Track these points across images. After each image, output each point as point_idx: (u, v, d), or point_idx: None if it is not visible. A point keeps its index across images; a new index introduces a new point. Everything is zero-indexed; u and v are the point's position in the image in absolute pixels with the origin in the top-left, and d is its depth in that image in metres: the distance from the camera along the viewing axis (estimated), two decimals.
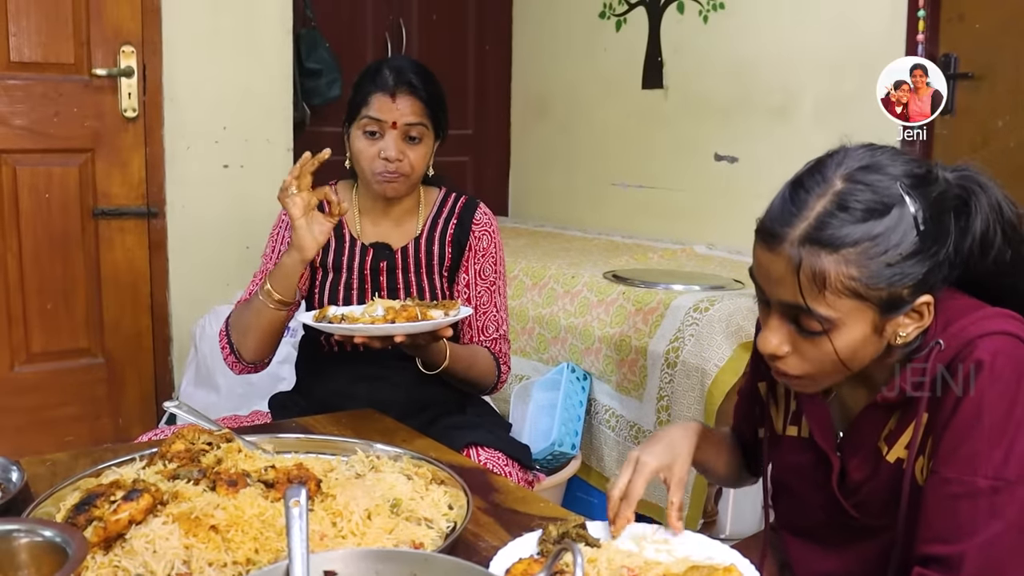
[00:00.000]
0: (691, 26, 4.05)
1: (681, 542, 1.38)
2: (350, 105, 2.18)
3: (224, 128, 3.71)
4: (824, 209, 1.25)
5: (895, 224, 1.24)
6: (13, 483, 1.49)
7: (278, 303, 2.04)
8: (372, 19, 4.66)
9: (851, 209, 1.24)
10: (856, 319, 1.27)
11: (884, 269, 1.24)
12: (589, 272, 3.31)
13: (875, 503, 1.40)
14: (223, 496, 1.35)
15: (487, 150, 5.09)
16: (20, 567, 1.08)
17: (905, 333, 1.30)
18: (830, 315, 1.26)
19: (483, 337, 2.23)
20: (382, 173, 2.11)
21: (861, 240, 1.23)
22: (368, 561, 1.08)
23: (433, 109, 2.15)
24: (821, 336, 1.28)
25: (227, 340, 2.18)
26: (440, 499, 1.47)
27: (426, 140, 2.15)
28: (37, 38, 3.36)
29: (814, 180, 1.28)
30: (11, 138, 3.37)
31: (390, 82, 2.11)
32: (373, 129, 2.11)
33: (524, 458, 2.14)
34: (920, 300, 1.28)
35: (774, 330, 1.33)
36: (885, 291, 1.25)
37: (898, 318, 1.29)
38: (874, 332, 1.29)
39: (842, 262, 1.23)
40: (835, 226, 1.24)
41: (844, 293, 1.24)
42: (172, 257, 3.68)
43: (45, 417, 3.51)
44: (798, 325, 1.30)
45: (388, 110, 2.10)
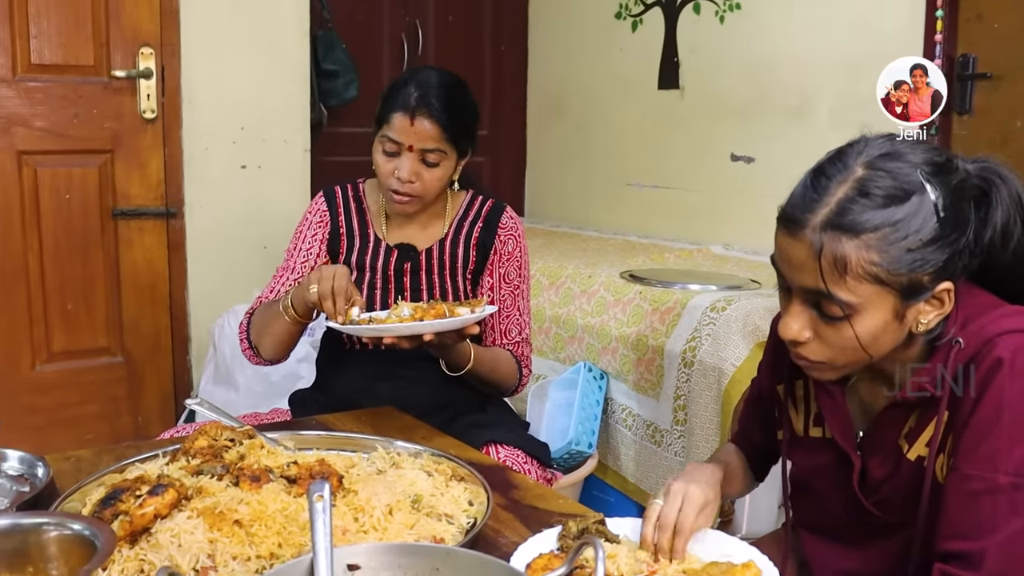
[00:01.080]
0: (707, 26, 4.05)
1: (699, 539, 1.39)
2: (377, 114, 2.16)
3: (242, 129, 3.74)
4: (845, 195, 1.26)
5: (915, 210, 1.25)
6: (39, 479, 1.51)
7: (296, 319, 2.05)
8: (388, 20, 4.67)
9: (872, 195, 1.25)
10: (877, 305, 1.27)
11: (905, 255, 1.25)
12: (606, 272, 3.31)
13: (896, 501, 1.41)
14: (246, 491, 1.36)
15: (503, 150, 5.10)
16: (50, 559, 1.10)
17: (926, 320, 1.31)
18: (851, 300, 1.26)
19: (505, 340, 2.24)
20: (395, 192, 2.10)
21: (882, 225, 1.24)
22: (391, 555, 1.09)
23: (453, 132, 2.10)
24: (842, 321, 1.29)
25: (246, 335, 2.19)
26: (460, 495, 1.48)
27: (444, 163, 2.12)
28: (57, 40, 3.39)
29: (835, 168, 1.30)
30: (32, 139, 3.40)
31: (411, 102, 2.07)
32: (392, 150, 2.10)
33: (543, 456, 2.15)
34: (940, 287, 1.28)
35: (795, 316, 1.34)
36: (906, 277, 1.26)
37: (919, 305, 1.29)
38: (895, 318, 1.29)
39: (863, 247, 1.24)
40: (856, 212, 1.25)
41: (865, 278, 1.25)
42: (190, 257, 3.71)
43: (66, 416, 3.54)
44: (819, 311, 1.31)
45: (405, 133, 2.07)
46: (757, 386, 1.72)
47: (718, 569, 1.25)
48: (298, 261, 2.22)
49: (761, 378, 1.70)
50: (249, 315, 2.21)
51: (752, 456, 1.73)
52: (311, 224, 2.25)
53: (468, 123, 2.17)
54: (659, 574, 1.24)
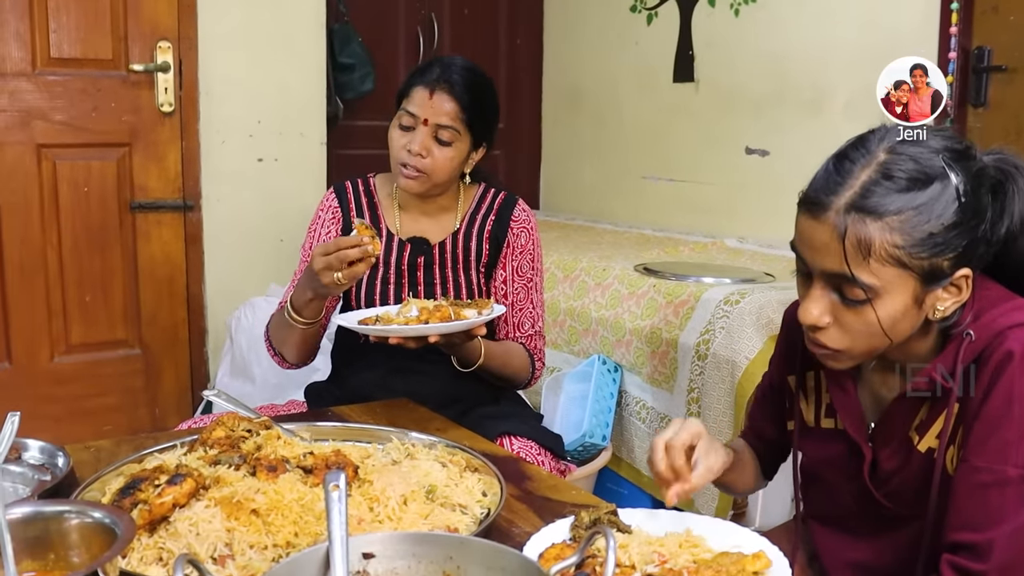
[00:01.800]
0: (722, 20, 4.05)
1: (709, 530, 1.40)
2: (398, 94, 2.18)
3: (258, 122, 3.76)
4: (869, 178, 1.28)
5: (938, 194, 1.26)
6: (60, 468, 1.53)
7: (301, 322, 2.06)
8: (404, 13, 4.68)
9: (895, 178, 1.26)
10: (898, 288, 1.28)
11: (927, 238, 1.26)
12: (620, 265, 3.32)
13: (906, 493, 1.42)
14: (263, 481, 1.38)
15: (519, 143, 5.10)
16: (71, 547, 1.11)
17: (943, 307, 1.31)
18: (873, 283, 1.27)
19: (519, 333, 2.25)
20: (404, 165, 2.11)
21: (905, 208, 1.25)
22: (406, 544, 1.11)
23: (471, 114, 2.12)
24: (864, 305, 1.29)
25: (269, 343, 2.22)
26: (474, 486, 1.49)
27: (457, 145, 2.13)
28: (76, 34, 3.42)
29: (858, 152, 1.31)
30: (51, 133, 3.43)
31: (433, 76, 2.10)
32: (408, 123, 2.12)
33: (557, 448, 2.16)
34: (959, 273, 1.29)
35: (816, 300, 1.34)
36: (927, 261, 1.27)
37: (937, 291, 1.30)
38: (914, 303, 1.30)
39: (887, 230, 1.25)
40: (880, 194, 1.26)
41: (888, 261, 1.26)
42: (207, 250, 3.74)
43: (84, 407, 3.57)
44: (841, 295, 1.32)
45: (423, 106, 2.09)
46: (768, 379, 1.72)
47: (728, 559, 1.25)
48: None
49: (772, 371, 1.71)
50: (268, 325, 2.23)
51: (761, 452, 1.74)
52: (324, 221, 2.26)
53: (487, 112, 2.18)
54: (670, 563, 1.25)
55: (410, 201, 2.24)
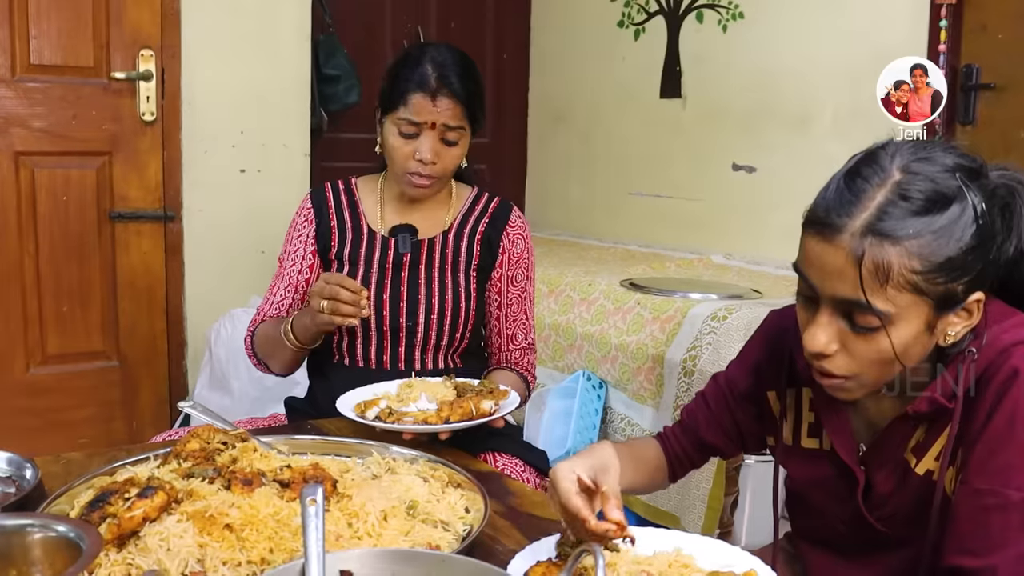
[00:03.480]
0: (710, 35, 4.04)
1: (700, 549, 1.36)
2: (385, 94, 2.11)
3: (241, 133, 3.72)
4: (885, 199, 1.21)
5: (957, 217, 1.21)
6: (27, 480, 1.48)
7: (300, 347, 2.05)
8: (391, 25, 4.67)
9: (912, 199, 1.20)
10: (912, 315, 1.22)
11: (945, 263, 1.20)
12: (606, 280, 3.29)
13: (901, 516, 1.37)
14: (238, 495, 1.34)
15: (504, 158, 5.08)
16: (34, 563, 1.07)
17: (954, 332, 1.26)
18: (888, 310, 1.21)
19: (512, 346, 2.21)
20: (415, 175, 2.07)
21: (924, 232, 1.19)
22: (385, 561, 1.07)
23: (472, 109, 2.09)
24: (875, 332, 1.23)
25: (252, 352, 2.19)
26: (457, 502, 1.45)
27: (462, 141, 2.10)
28: (57, 41, 3.37)
29: (871, 169, 1.24)
30: (30, 140, 3.38)
31: (432, 83, 2.04)
32: (410, 131, 2.06)
33: (541, 464, 2.11)
34: (972, 297, 1.24)
35: (823, 327, 1.27)
36: (944, 286, 1.21)
37: (950, 316, 1.26)
38: (927, 329, 1.24)
39: (905, 254, 1.19)
40: (897, 216, 1.20)
41: (905, 287, 1.20)
42: (188, 261, 3.69)
43: (59, 419, 3.51)
44: (851, 321, 1.25)
45: (427, 112, 2.04)
46: (728, 385, 1.62)
47: None
48: (287, 266, 2.20)
49: (739, 377, 1.61)
50: (251, 333, 2.19)
51: (678, 455, 1.65)
52: (296, 226, 2.22)
53: (482, 97, 2.15)
54: None
55: (400, 196, 2.19)
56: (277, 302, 2.19)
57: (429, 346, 2.14)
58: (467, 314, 2.14)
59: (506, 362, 2.23)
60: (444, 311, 2.12)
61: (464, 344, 2.18)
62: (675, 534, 1.39)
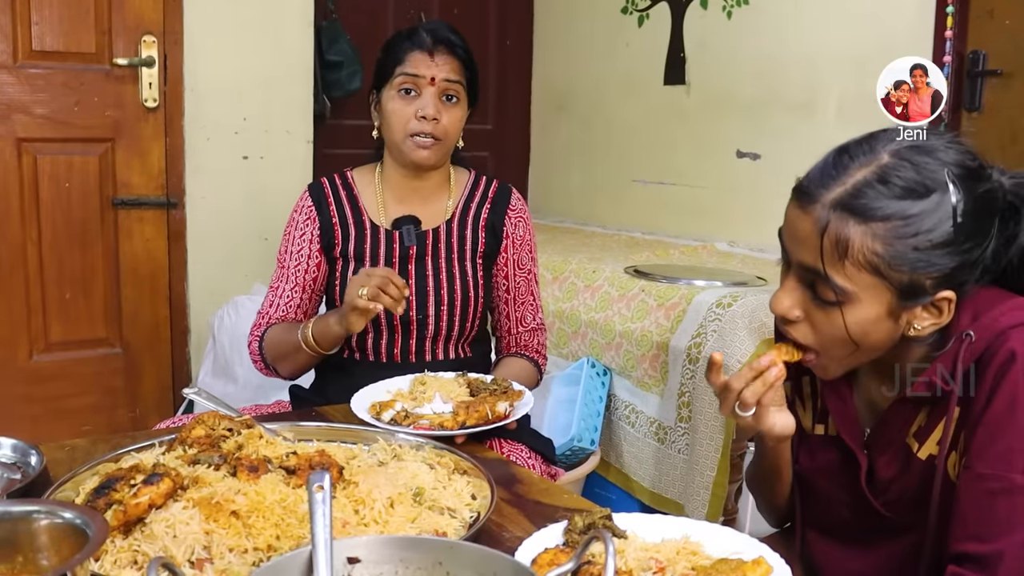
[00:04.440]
0: (714, 22, 4.02)
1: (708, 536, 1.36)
2: (380, 68, 2.12)
3: (244, 119, 3.71)
4: (864, 178, 1.24)
5: (932, 209, 1.21)
6: (32, 467, 1.48)
7: (321, 353, 2.03)
8: (393, 12, 4.64)
9: (891, 184, 1.22)
10: (872, 297, 1.24)
11: (910, 252, 1.21)
12: (610, 267, 3.28)
13: (905, 501, 1.37)
14: (244, 482, 1.33)
15: (507, 146, 5.07)
16: (40, 549, 1.06)
17: (920, 327, 1.27)
18: (846, 287, 1.24)
19: (521, 328, 2.21)
20: (418, 135, 2.06)
21: (893, 216, 1.21)
22: (392, 548, 1.06)
23: (470, 70, 2.11)
24: (834, 308, 1.26)
25: (260, 356, 2.15)
26: (463, 489, 1.45)
27: (462, 103, 2.10)
28: (59, 27, 3.36)
29: (861, 149, 1.27)
30: (32, 127, 3.37)
31: (428, 40, 2.07)
32: (409, 86, 2.06)
33: (547, 452, 2.11)
34: (941, 294, 1.25)
35: (788, 291, 1.32)
36: (907, 275, 1.22)
37: (916, 309, 1.25)
38: (888, 316, 1.26)
39: (869, 234, 1.22)
40: (871, 197, 1.22)
41: (864, 267, 1.22)
42: (191, 248, 3.69)
43: (62, 406, 3.51)
44: (814, 292, 1.28)
45: (426, 66, 2.05)
46: None
47: (728, 566, 1.21)
48: (291, 265, 2.17)
49: None
50: (258, 338, 2.16)
51: None
52: (298, 224, 2.18)
53: (475, 68, 2.17)
54: (668, 570, 1.20)
55: (400, 184, 2.18)
56: (283, 304, 2.16)
57: (440, 337, 2.13)
58: (476, 302, 2.14)
59: (516, 345, 2.22)
60: (453, 301, 2.11)
61: (474, 332, 2.18)
62: (682, 521, 1.39)
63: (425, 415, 1.81)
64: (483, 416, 1.80)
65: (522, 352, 2.22)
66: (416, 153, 2.08)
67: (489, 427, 1.79)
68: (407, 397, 1.90)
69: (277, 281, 2.18)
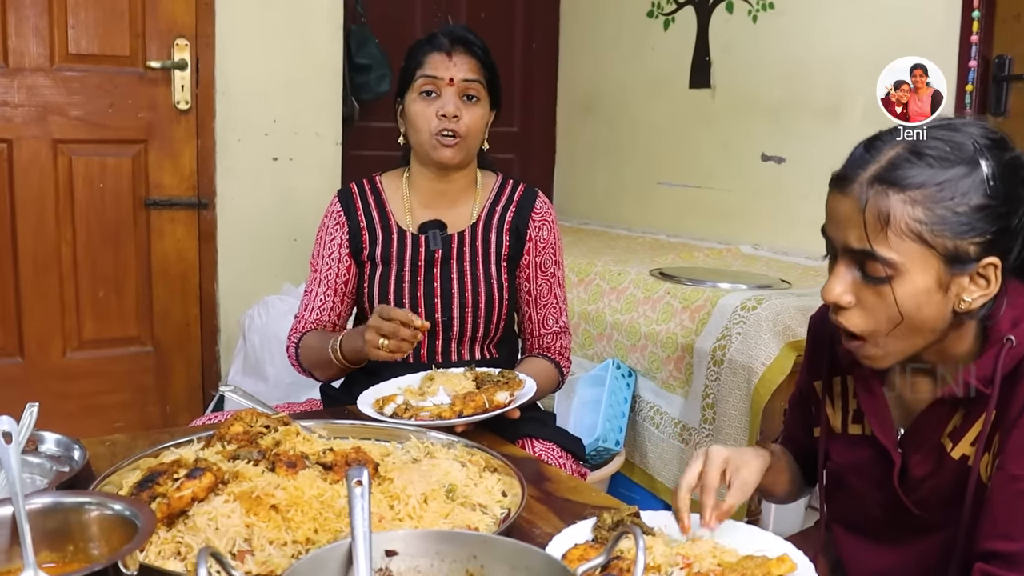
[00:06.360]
0: (740, 26, 4.03)
1: (732, 534, 1.38)
2: (402, 74, 2.17)
3: (274, 121, 3.76)
4: (896, 153, 1.28)
5: (965, 174, 1.25)
6: (76, 461, 1.52)
7: (348, 366, 2.07)
8: (421, 16, 4.68)
9: (923, 155, 1.26)
10: (920, 267, 1.26)
11: (951, 215, 1.24)
12: (635, 269, 3.30)
13: (937, 500, 1.39)
14: (282, 477, 1.37)
15: (533, 148, 5.09)
16: (91, 539, 1.10)
17: (971, 298, 1.29)
18: (894, 258, 1.26)
19: (543, 330, 2.23)
20: (439, 133, 2.09)
21: (928, 183, 1.25)
22: (429, 542, 1.10)
23: (489, 70, 2.14)
24: (884, 284, 1.28)
25: (297, 362, 2.20)
26: (494, 486, 1.48)
27: (483, 103, 2.13)
28: (94, 30, 3.42)
29: (890, 135, 1.32)
30: (67, 128, 3.43)
31: (445, 42, 2.11)
32: (430, 88, 2.09)
33: (577, 450, 2.14)
34: (986, 260, 1.27)
35: (839, 277, 1.33)
36: (951, 241, 1.25)
37: (963, 279, 1.28)
38: (938, 287, 1.28)
39: (908, 202, 1.25)
40: (905, 168, 1.26)
41: (908, 235, 1.25)
42: (221, 248, 3.74)
43: (95, 403, 3.57)
44: (863, 272, 1.31)
45: (445, 67, 2.08)
46: (798, 385, 1.71)
47: (752, 563, 1.24)
48: (323, 270, 2.21)
49: (800, 376, 1.69)
50: (295, 344, 2.20)
51: (800, 458, 1.72)
52: (328, 229, 2.22)
53: (498, 74, 2.20)
54: (695, 566, 1.23)
55: (426, 188, 2.21)
56: (317, 307, 2.20)
57: (465, 338, 2.16)
58: (500, 304, 2.17)
59: (539, 347, 2.25)
60: (478, 303, 2.14)
61: (499, 334, 2.21)
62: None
63: (426, 407, 1.86)
64: (480, 405, 1.84)
65: (544, 353, 2.25)
66: (440, 152, 2.11)
67: (487, 415, 1.83)
68: (415, 393, 1.94)
69: (311, 285, 2.22)
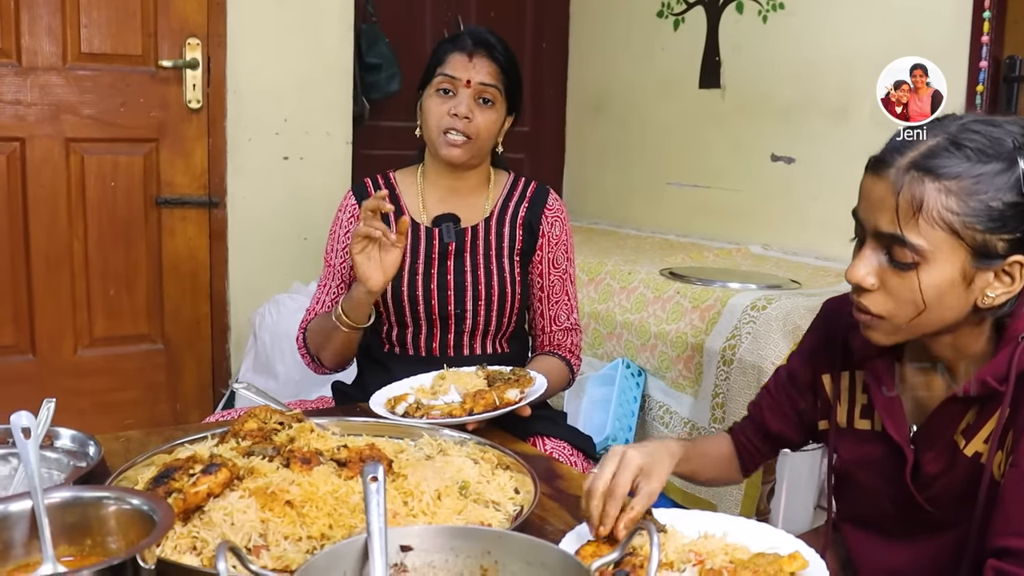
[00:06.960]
0: (750, 26, 4.03)
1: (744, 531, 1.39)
2: (426, 69, 2.18)
3: (285, 120, 3.77)
4: (936, 143, 1.28)
5: (1003, 169, 1.26)
6: (91, 456, 1.53)
7: (351, 327, 2.06)
8: (431, 15, 4.68)
9: (963, 147, 1.27)
10: (947, 257, 1.27)
11: (983, 209, 1.25)
12: (645, 269, 3.31)
13: (950, 497, 1.40)
14: (297, 473, 1.37)
15: (543, 147, 5.10)
16: (109, 533, 1.11)
17: (994, 294, 1.29)
18: (922, 245, 1.27)
19: (555, 327, 2.24)
20: (449, 132, 2.10)
21: (965, 175, 1.25)
22: (444, 537, 1.11)
23: (508, 76, 2.15)
24: (910, 270, 1.29)
25: (305, 349, 2.21)
26: (506, 483, 1.49)
27: (498, 107, 2.15)
28: (107, 30, 3.44)
29: (932, 123, 1.33)
30: (79, 127, 3.45)
31: (468, 43, 2.12)
32: (447, 87, 2.11)
33: (588, 449, 2.15)
34: (1014, 258, 1.28)
35: (864, 259, 1.34)
36: (981, 234, 1.26)
37: (988, 274, 1.28)
38: (963, 279, 1.28)
39: (943, 191, 1.25)
40: (943, 157, 1.27)
41: (939, 224, 1.26)
42: (232, 246, 3.75)
43: (106, 400, 3.58)
44: (890, 257, 1.31)
45: (464, 68, 2.10)
46: (787, 373, 1.68)
47: (765, 560, 1.25)
48: (336, 263, 2.22)
49: (797, 365, 1.66)
50: (303, 330, 2.22)
51: (748, 448, 1.71)
52: (342, 223, 2.24)
53: (518, 75, 2.21)
54: (707, 562, 1.24)
55: (439, 184, 2.22)
56: (330, 300, 2.21)
57: (478, 332, 2.17)
58: (513, 298, 2.18)
59: (550, 344, 2.26)
60: (491, 297, 2.15)
61: (512, 328, 2.22)
62: (719, 516, 1.42)
63: (437, 406, 1.87)
64: (490, 403, 1.85)
65: (555, 351, 2.26)
66: (447, 150, 2.13)
67: (498, 413, 1.84)
68: (427, 392, 1.95)
69: (325, 279, 2.23)
